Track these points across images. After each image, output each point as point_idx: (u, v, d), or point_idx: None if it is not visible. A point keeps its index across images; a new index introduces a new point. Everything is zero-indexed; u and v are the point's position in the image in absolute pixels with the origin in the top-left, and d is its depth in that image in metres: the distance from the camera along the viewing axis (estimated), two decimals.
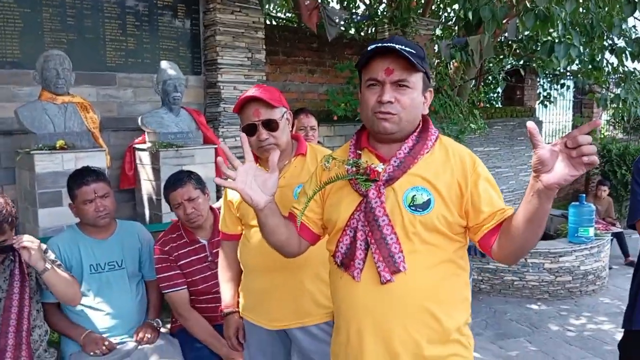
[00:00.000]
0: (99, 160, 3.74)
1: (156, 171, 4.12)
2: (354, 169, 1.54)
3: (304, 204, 1.62)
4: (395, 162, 1.51)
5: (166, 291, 2.58)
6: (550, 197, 1.25)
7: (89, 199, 2.46)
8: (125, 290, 2.56)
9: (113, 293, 2.51)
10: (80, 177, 2.50)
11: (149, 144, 4.22)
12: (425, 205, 1.46)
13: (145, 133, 4.29)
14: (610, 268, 5.90)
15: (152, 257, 2.66)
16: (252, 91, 1.97)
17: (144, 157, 4.27)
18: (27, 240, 2.08)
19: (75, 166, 3.52)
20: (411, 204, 1.47)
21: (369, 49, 1.48)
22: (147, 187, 4.28)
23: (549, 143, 1.21)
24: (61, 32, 4.36)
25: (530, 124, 1.21)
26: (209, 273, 2.58)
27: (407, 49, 1.43)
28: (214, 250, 2.59)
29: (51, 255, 2.34)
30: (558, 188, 1.22)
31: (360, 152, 1.59)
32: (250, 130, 1.96)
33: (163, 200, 4.00)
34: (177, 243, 2.62)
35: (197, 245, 2.63)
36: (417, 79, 1.48)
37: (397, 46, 1.42)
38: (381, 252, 1.45)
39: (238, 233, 2.15)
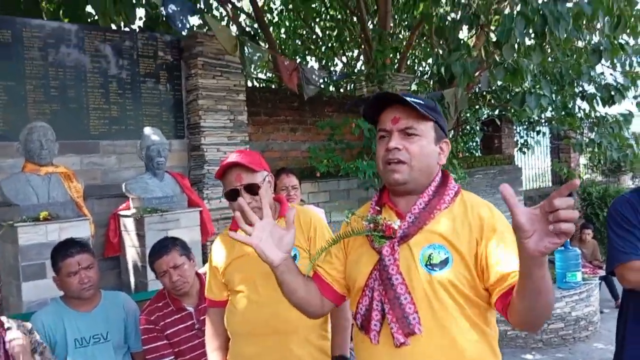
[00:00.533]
0: (83, 229, 3.72)
1: (141, 237, 4.10)
2: (372, 225, 1.50)
3: (317, 257, 1.60)
4: (410, 217, 1.45)
5: None
6: (539, 264, 1.14)
7: (73, 271, 2.43)
8: None
9: None
10: (64, 249, 2.48)
11: (133, 210, 4.22)
12: (443, 264, 1.39)
13: (130, 199, 4.29)
14: (601, 312, 5.89)
15: (137, 327, 2.61)
16: (233, 157, 2.00)
17: (128, 224, 4.25)
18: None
19: (59, 237, 3.49)
20: (428, 263, 1.40)
21: (373, 97, 1.50)
22: (132, 254, 4.24)
23: (534, 206, 1.12)
24: (45, 103, 4.42)
25: (504, 188, 1.12)
26: (197, 342, 2.53)
27: (412, 98, 1.44)
28: (201, 318, 2.55)
29: (37, 336, 2.29)
30: (543, 255, 1.10)
31: (380, 208, 1.56)
32: (232, 195, 1.98)
33: (149, 267, 3.99)
34: (163, 312, 2.58)
35: (183, 313, 2.59)
36: (426, 128, 1.46)
37: (403, 95, 1.43)
38: (394, 313, 1.38)
39: (224, 299, 2.13)
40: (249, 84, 7.68)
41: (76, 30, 4.61)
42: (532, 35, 4.54)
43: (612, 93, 5.74)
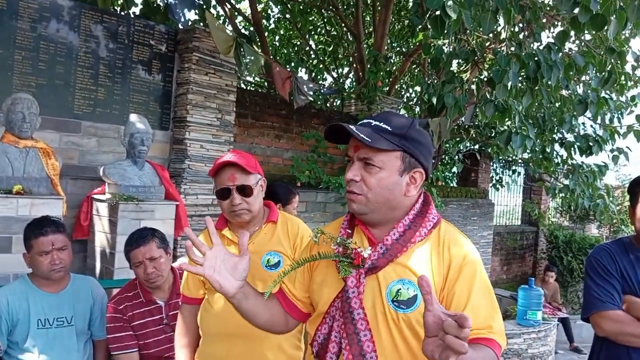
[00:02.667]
0: (55, 208, 3.63)
1: (113, 224, 4.02)
2: (341, 249, 1.39)
3: (277, 280, 1.48)
4: (381, 248, 1.35)
5: (116, 352, 2.46)
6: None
7: (45, 250, 2.36)
8: (73, 348, 2.43)
9: (59, 351, 2.38)
10: (38, 227, 2.41)
11: (108, 195, 4.13)
12: (411, 302, 1.29)
13: (106, 184, 4.21)
14: (556, 352, 6.01)
15: (103, 315, 2.55)
16: (229, 156, 1.99)
17: (101, 208, 4.16)
18: None
19: (30, 212, 3.40)
20: (395, 299, 1.30)
21: (328, 127, 1.41)
22: (101, 239, 4.15)
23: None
24: (31, 76, 4.32)
25: (422, 279, 1.06)
26: (163, 336, 2.49)
27: (379, 124, 1.34)
28: (171, 313, 2.51)
29: None
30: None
31: (352, 230, 1.45)
32: (223, 194, 1.97)
33: (117, 255, 3.91)
34: (132, 302, 2.53)
35: (153, 306, 2.54)
36: (388, 159, 1.34)
37: (351, 127, 1.32)
38: (351, 350, 1.29)
39: (200, 297, 2.10)
40: (240, 85, 7.66)
41: (72, 6, 4.53)
42: (524, 79, 4.66)
43: (591, 144, 5.93)
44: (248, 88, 9.62)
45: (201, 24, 6.24)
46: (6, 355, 2.33)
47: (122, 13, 5.92)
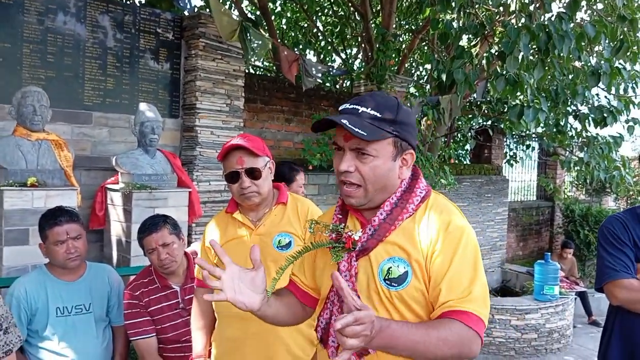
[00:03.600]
0: (70, 199, 3.67)
1: (127, 212, 4.06)
2: (334, 235, 1.41)
3: (279, 273, 1.47)
4: (370, 230, 1.36)
5: (134, 338, 2.50)
6: (376, 348, 1.20)
7: (60, 239, 2.40)
8: (92, 335, 2.47)
9: (79, 338, 2.42)
10: (52, 217, 2.44)
11: (121, 185, 4.17)
12: (402, 279, 1.32)
13: (119, 173, 4.25)
14: (574, 327, 5.99)
15: (121, 301, 2.59)
16: (236, 140, 1.99)
17: (115, 198, 4.21)
18: None
19: (45, 204, 3.45)
20: (386, 278, 1.33)
21: (318, 121, 1.38)
22: (116, 228, 4.20)
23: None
24: (40, 69, 4.35)
25: (335, 278, 1.13)
26: (180, 320, 2.52)
27: (371, 111, 1.32)
28: (186, 297, 2.54)
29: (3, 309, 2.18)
30: (352, 349, 1.10)
31: (344, 215, 1.47)
32: (233, 177, 1.98)
33: (133, 243, 3.96)
34: (148, 288, 2.56)
35: (168, 291, 2.57)
36: (380, 146, 1.33)
37: (344, 121, 1.29)
38: None
39: None
40: (247, 70, 7.63)
41: None
42: (535, 51, 4.58)
43: (605, 115, 5.82)
44: (257, 73, 9.58)
45: (207, 9, 6.21)
46: (27, 344, 2.38)
47: (128, 2, 5.90)
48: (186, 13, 5.48)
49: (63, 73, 4.48)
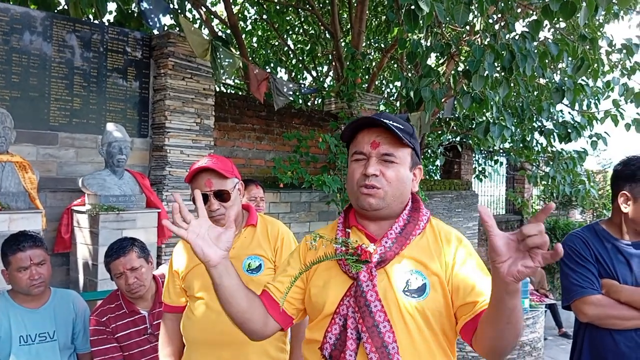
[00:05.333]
0: (35, 222, 3.58)
1: (94, 235, 3.98)
2: (344, 248, 1.42)
3: (288, 285, 1.47)
4: (386, 242, 1.40)
5: None
6: (512, 292, 1.12)
7: (23, 266, 2.33)
8: None
9: None
10: (15, 243, 2.37)
11: (88, 206, 4.09)
12: (421, 290, 1.35)
13: (86, 195, 4.17)
14: (545, 339, 6.06)
15: (86, 328, 2.52)
16: (204, 161, 1.98)
17: (82, 220, 4.12)
18: None
19: (8, 228, 3.35)
20: (406, 289, 1.35)
21: (355, 120, 1.44)
22: (83, 251, 4.10)
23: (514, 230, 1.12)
24: (4, 89, 4.26)
25: (482, 209, 1.11)
26: (148, 346, 2.47)
27: (394, 123, 1.39)
28: (155, 322, 2.49)
29: None
30: (517, 281, 1.09)
31: (349, 230, 1.48)
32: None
33: (100, 266, 3.87)
34: (115, 314, 2.50)
35: (136, 317, 2.52)
36: (404, 154, 1.42)
37: (385, 120, 1.38)
38: (374, 342, 1.30)
39: (182, 305, 2.09)
40: (218, 88, 7.62)
41: (43, 17, 4.48)
42: (500, 69, 4.70)
43: (569, 130, 5.99)
44: (228, 91, 9.57)
45: (177, 29, 6.20)
46: None
47: (96, 21, 5.85)
48: (155, 32, 5.45)
49: (28, 93, 4.39)
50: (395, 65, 9.65)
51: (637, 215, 2.03)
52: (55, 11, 5.91)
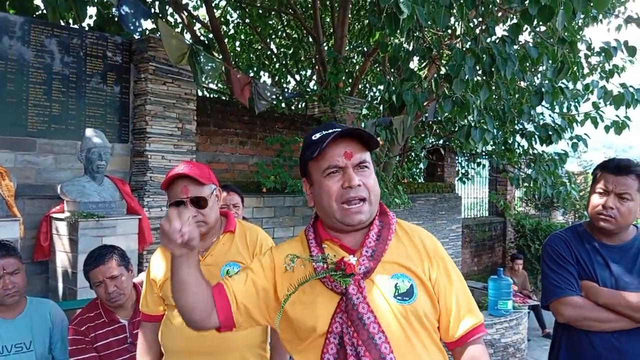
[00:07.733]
0: (12, 230, 3.52)
1: (74, 242, 3.92)
2: (325, 265, 1.37)
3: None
4: (367, 251, 1.38)
5: None
6: None
7: None
8: None
9: None
10: None
11: (67, 214, 4.03)
12: (410, 293, 1.35)
13: (65, 202, 4.11)
14: (528, 340, 6.11)
15: (64, 338, 2.48)
16: (180, 168, 1.95)
17: (61, 227, 4.06)
18: None
19: None
20: (396, 294, 1.35)
21: (319, 137, 1.37)
22: (62, 259, 4.04)
23: None
24: None
25: None
26: (128, 356, 2.43)
27: (349, 129, 1.37)
28: (135, 331, 2.45)
29: None
30: None
31: (325, 246, 1.43)
32: (178, 206, 1.93)
33: (79, 274, 3.82)
34: (94, 323, 2.46)
35: (116, 326, 2.48)
36: (369, 158, 1.41)
37: (358, 129, 1.37)
38: (372, 355, 1.27)
39: (160, 314, 2.06)
40: (200, 93, 7.58)
41: (22, 22, 4.41)
42: (480, 73, 4.73)
43: (550, 133, 6.04)
44: (210, 96, 9.52)
45: (157, 33, 6.15)
46: None
47: (75, 26, 5.78)
48: (135, 36, 5.40)
49: (6, 99, 4.32)
50: (378, 69, 9.69)
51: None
52: (34, 16, 5.83)
